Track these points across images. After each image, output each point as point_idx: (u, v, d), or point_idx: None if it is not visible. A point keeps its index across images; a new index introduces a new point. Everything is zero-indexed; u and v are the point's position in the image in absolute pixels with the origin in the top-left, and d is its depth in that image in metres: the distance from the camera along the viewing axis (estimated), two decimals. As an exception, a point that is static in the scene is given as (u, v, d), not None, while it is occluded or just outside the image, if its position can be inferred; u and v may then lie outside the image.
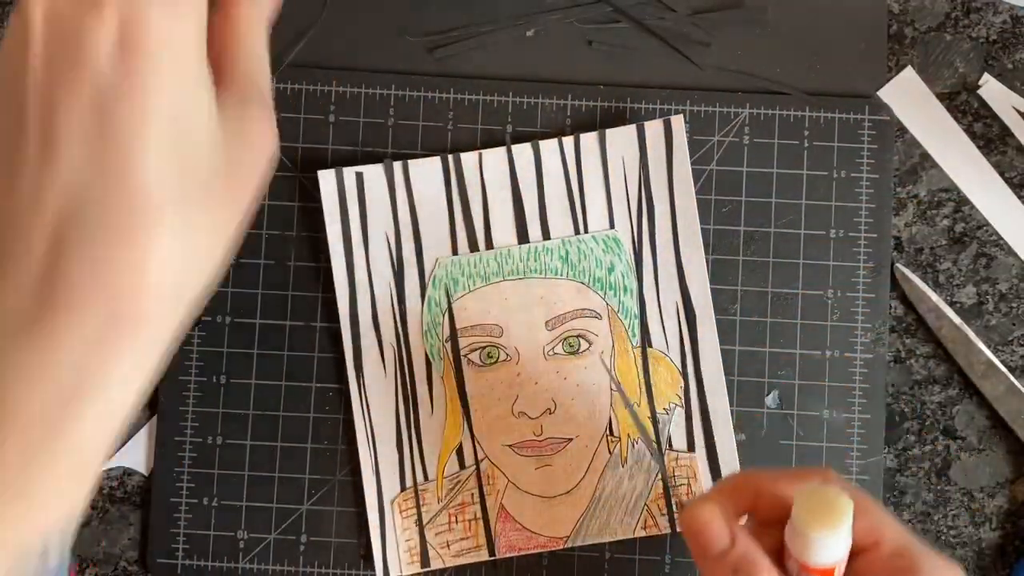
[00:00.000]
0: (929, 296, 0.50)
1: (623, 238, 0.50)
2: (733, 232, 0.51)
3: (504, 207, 0.50)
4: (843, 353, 0.50)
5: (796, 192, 0.51)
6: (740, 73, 0.52)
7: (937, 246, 0.51)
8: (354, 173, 0.50)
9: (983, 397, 0.50)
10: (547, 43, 0.52)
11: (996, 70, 0.52)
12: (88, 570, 0.50)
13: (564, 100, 0.51)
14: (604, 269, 0.50)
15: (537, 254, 0.50)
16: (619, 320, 0.50)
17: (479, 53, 0.52)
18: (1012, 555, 0.50)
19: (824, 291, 0.50)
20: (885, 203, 0.51)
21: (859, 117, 0.51)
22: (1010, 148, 0.51)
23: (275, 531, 0.50)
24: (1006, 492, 0.50)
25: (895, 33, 0.52)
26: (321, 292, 0.51)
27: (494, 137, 0.51)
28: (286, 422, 0.50)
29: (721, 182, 0.51)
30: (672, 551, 0.49)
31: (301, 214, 0.51)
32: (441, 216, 0.50)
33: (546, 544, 0.49)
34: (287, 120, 0.51)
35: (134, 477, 0.51)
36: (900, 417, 0.50)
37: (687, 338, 0.50)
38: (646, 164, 0.50)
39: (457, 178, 0.50)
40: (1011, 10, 0.52)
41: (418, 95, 0.51)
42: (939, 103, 0.52)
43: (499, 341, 0.49)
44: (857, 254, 0.50)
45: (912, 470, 0.50)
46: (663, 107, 0.51)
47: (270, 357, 0.50)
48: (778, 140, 0.51)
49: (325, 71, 0.51)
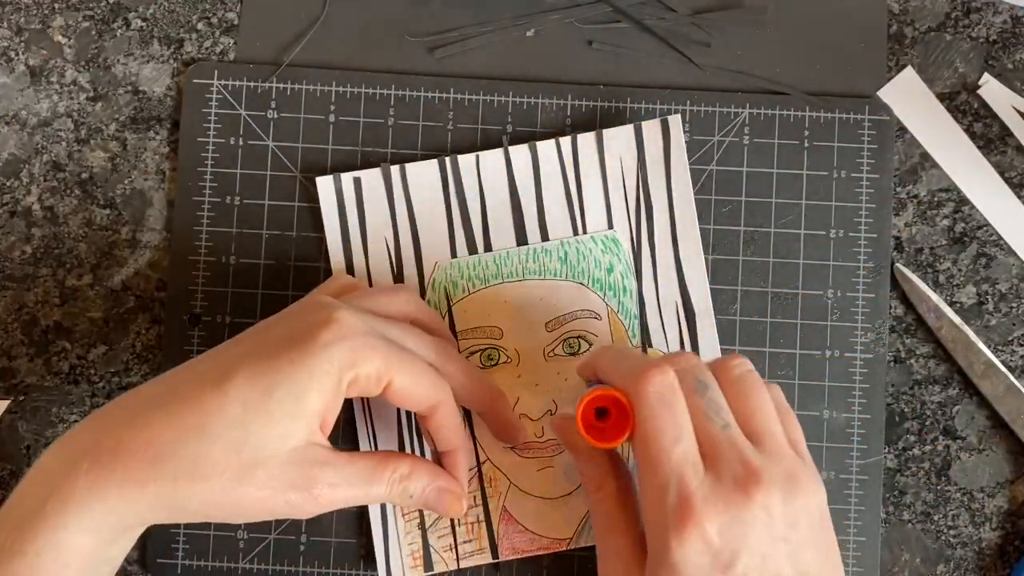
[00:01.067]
0: (929, 296, 0.50)
1: (622, 238, 0.50)
2: (733, 232, 0.51)
3: (502, 209, 0.50)
4: (843, 353, 0.50)
5: (796, 192, 0.51)
6: (740, 73, 0.52)
7: (937, 246, 0.51)
8: (351, 178, 0.50)
9: (983, 397, 0.50)
10: (547, 43, 0.52)
11: (996, 70, 0.52)
12: (88, 570, 0.50)
13: (564, 100, 0.51)
14: (603, 270, 0.50)
15: (536, 255, 0.50)
16: (619, 320, 0.50)
17: (479, 53, 0.52)
18: (1012, 555, 0.50)
19: (824, 291, 0.50)
20: (885, 203, 0.51)
21: (859, 117, 0.51)
22: (1010, 148, 0.51)
23: (275, 531, 0.50)
24: (1006, 492, 0.50)
25: (895, 33, 0.52)
26: (321, 292, 0.50)
27: (494, 137, 0.51)
28: (286, 422, 0.50)
29: (721, 182, 0.51)
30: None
31: (301, 214, 0.51)
32: (439, 219, 0.50)
33: (549, 546, 0.49)
34: (287, 120, 0.51)
35: (134, 477, 0.51)
36: (900, 417, 0.50)
37: (687, 338, 0.50)
38: (644, 164, 0.50)
39: (455, 181, 0.50)
40: (1011, 10, 0.52)
41: (418, 95, 0.51)
42: (939, 103, 0.52)
43: (499, 343, 0.49)
44: (857, 254, 0.50)
45: (912, 470, 0.50)
46: (663, 107, 0.51)
47: (270, 357, 0.50)
48: (778, 140, 0.51)
49: (325, 71, 0.51)
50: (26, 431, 0.51)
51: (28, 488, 0.38)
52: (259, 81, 0.51)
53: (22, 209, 0.52)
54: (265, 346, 0.40)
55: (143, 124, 0.52)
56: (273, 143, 0.51)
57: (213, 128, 0.51)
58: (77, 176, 0.52)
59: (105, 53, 0.52)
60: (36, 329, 0.51)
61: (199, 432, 0.38)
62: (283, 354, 0.39)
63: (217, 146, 0.51)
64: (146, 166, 0.52)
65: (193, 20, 0.52)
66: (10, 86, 0.52)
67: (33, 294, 0.51)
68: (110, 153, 0.52)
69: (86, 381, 0.51)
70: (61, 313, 0.51)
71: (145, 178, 0.52)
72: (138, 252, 0.51)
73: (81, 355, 0.51)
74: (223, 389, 0.38)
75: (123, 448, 0.38)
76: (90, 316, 0.51)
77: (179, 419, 0.38)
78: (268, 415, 0.38)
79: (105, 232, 0.51)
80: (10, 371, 0.51)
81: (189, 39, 0.52)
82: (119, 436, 0.38)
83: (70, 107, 0.52)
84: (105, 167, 0.52)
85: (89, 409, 0.51)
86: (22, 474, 0.39)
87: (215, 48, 0.52)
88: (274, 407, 0.38)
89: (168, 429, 0.38)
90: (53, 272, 0.51)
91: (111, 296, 0.51)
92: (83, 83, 0.52)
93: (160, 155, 0.52)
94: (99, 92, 0.52)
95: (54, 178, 0.52)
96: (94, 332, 0.51)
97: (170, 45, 0.52)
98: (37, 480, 0.38)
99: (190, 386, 0.39)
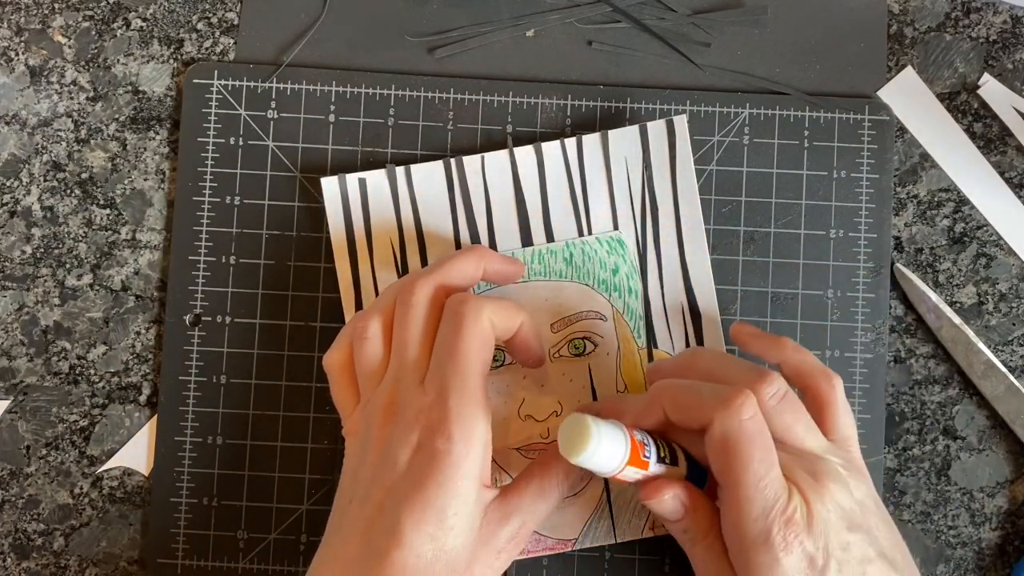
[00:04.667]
0: (929, 296, 0.50)
1: (627, 239, 0.50)
2: (733, 232, 0.51)
3: (507, 210, 0.50)
4: (843, 353, 0.50)
5: (796, 192, 0.51)
6: (740, 73, 0.52)
7: (937, 246, 0.51)
8: (356, 179, 0.50)
9: (983, 397, 0.50)
10: (547, 43, 0.52)
11: (996, 70, 0.52)
12: (88, 570, 0.50)
13: (564, 100, 0.51)
14: (608, 271, 0.50)
15: (541, 256, 0.50)
16: (624, 321, 0.49)
17: (479, 53, 0.52)
18: (1012, 555, 0.50)
19: (824, 291, 0.50)
20: (885, 203, 0.51)
21: (859, 117, 0.51)
22: (1010, 148, 0.52)
23: (275, 531, 0.50)
24: (1006, 492, 0.50)
25: (895, 33, 0.52)
26: (321, 292, 0.50)
27: (494, 137, 0.51)
28: (286, 422, 0.50)
29: (721, 182, 0.51)
30: (672, 551, 0.49)
31: (301, 214, 0.51)
32: (444, 220, 0.50)
33: (554, 547, 0.49)
34: (287, 120, 0.51)
35: (134, 477, 0.51)
36: (900, 417, 0.50)
37: (692, 339, 0.50)
38: (649, 164, 0.50)
39: (460, 182, 0.50)
40: (1011, 10, 0.52)
41: (418, 95, 0.51)
42: (939, 103, 0.52)
43: (504, 344, 0.49)
44: (857, 254, 0.51)
45: (912, 470, 0.50)
46: (663, 107, 0.51)
47: (270, 357, 0.50)
48: (778, 140, 0.51)
49: (325, 71, 0.51)
50: (26, 431, 0.51)
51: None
52: (259, 81, 0.51)
53: (22, 209, 0.51)
54: (402, 484, 0.40)
55: (143, 124, 0.52)
56: (273, 143, 0.51)
57: (213, 128, 0.51)
58: (77, 176, 0.52)
59: (105, 53, 0.52)
60: (36, 329, 0.51)
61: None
62: (427, 480, 0.40)
63: (217, 146, 0.51)
64: (146, 166, 0.52)
65: (193, 20, 0.52)
66: (10, 86, 0.52)
67: (33, 294, 0.51)
68: (110, 153, 0.52)
69: (86, 381, 0.51)
70: (61, 313, 0.51)
71: (145, 178, 0.52)
72: (138, 252, 0.51)
73: (81, 355, 0.51)
74: (399, 552, 0.39)
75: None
76: (90, 316, 0.51)
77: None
78: (451, 530, 0.40)
79: (105, 232, 0.51)
80: (10, 371, 0.51)
81: (189, 39, 0.52)
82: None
83: (70, 107, 0.52)
84: (105, 167, 0.52)
85: (89, 409, 0.51)
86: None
87: (215, 48, 0.52)
88: (451, 522, 0.40)
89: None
90: (53, 272, 0.51)
91: (111, 296, 0.51)
92: (83, 83, 0.52)
93: (160, 155, 0.52)
94: (99, 92, 0.52)
95: (54, 178, 0.52)
96: (94, 332, 0.51)
97: (170, 45, 0.52)
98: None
99: (367, 564, 0.39)
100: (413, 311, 0.43)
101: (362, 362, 0.44)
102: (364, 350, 0.43)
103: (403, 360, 0.42)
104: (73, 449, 0.51)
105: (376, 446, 0.41)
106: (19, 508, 0.51)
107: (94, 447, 0.51)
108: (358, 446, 0.43)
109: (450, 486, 0.39)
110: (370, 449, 0.42)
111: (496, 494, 0.42)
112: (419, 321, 0.43)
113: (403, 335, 0.43)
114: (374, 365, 0.43)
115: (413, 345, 0.43)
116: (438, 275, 0.44)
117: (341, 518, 0.41)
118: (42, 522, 0.51)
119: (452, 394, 0.40)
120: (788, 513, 0.38)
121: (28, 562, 0.50)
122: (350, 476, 0.42)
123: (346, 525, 0.41)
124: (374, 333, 0.43)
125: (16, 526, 0.51)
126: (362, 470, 0.42)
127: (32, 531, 0.51)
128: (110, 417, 0.51)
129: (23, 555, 0.50)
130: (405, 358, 0.42)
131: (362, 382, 0.44)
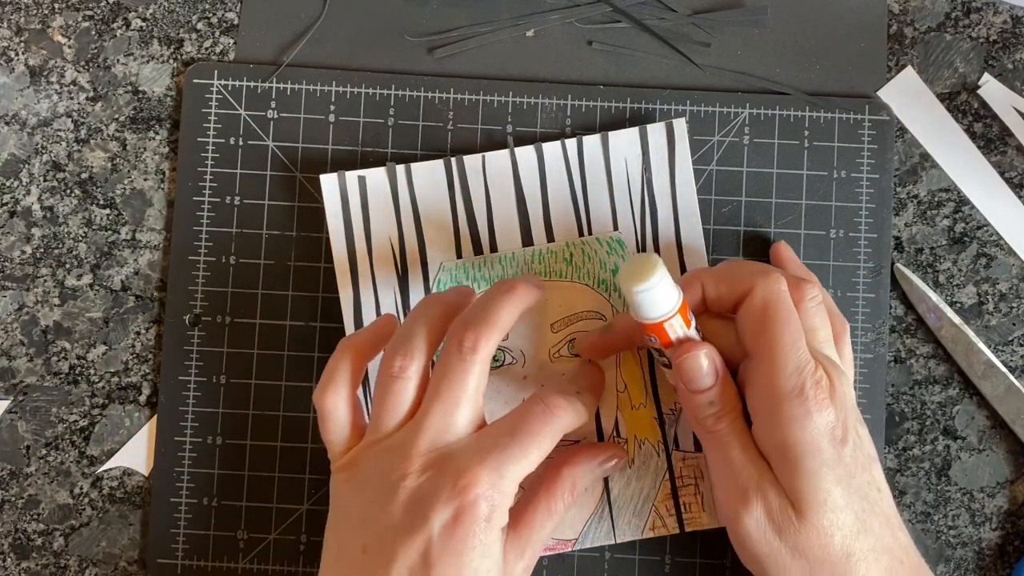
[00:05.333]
0: (929, 296, 0.50)
1: (627, 240, 0.50)
2: (733, 232, 0.51)
3: (508, 210, 0.50)
4: (843, 353, 0.50)
5: (796, 192, 0.51)
6: (740, 73, 0.52)
7: (937, 246, 0.51)
8: (356, 177, 0.50)
9: (983, 397, 0.50)
10: (547, 43, 0.52)
11: (996, 70, 0.52)
12: (88, 570, 0.50)
13: (564, 100, 0.51)
14: (608, 271, 0.50)
15: (541, 257, 0.50)
16: (623, 322, 0.49)
17: (479, 53, 0.52)
18: (1012, 555, 0.50)
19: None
20: (885, 203, 0.51)
21: (859, 117, 0.51)
22: (1010, 148, 0.52)
23: (275, 531, 0.50)
24: (1006, 492, 0.50)
25: (895, 33, 0.52)
26: (321, 292, 0.50)
27: (494, 137, 0.51)
28: (286, 422, 0.50)
29: (721, 182, 0.51)
30: (672, 551, 0.49)
31: (301, 214, 0.51)
32: (444, 219, 0.50)
33: (555, 547, 0.49)
34: (287, 120, 0.51)
35: (134, 477, 0.51)
36: (900, 417, 0.50)
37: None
38: (648, 166, 0.50)
39: (460, 181, 0.50)
40: (1011, 10, 0.52)
41: (418, 95, 0.51)
42: (939, 103, 0.52)
43: (505, 344, 0.49)
44: (857, 254, 0.51)
45: (912, 470, 0.50)
46: (663, 107, 0.51)
47: (270, 357, 0.50)
48: (778, 140, 0.51)
49: (325, 71, 0.51)
50: (26, 431, 0.51)
51: None
52: (259, 81, 0.51)
53: (22, 209, 0.51)
54: (438, 547, 0.38)
55: (143, 124, 0.52)
56: (273, 143, 0.51)
57: (213, 128, 0.51)
58: (77, 176, 0.52)
59: (105, 53, 0.52)
60: (36, 329, 0.51)
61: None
62: (463, 545, 0.38)
63: (217, 146, 0.51)
64: (146, 166, 0.52)
65: (193, 20, 0.52)
66: (10, 86, 0.52)
67: (33, 294, 0.51)
68: (110, 153, 0.52)
69: (86, 381, 0.51)
70: (61, 313, 0.51)
71: (145, 178, 0.52)
72: (138, 252, 0.51)
73: (81, 355, 0.51)
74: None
75: None
76: (90, 316, 0.51)
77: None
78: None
79: (105, 232, 0.51)
80: (10, 371, 0.51)
81: (189, 39, 0.52)
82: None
83: (70, 107, 0.52)
84: (105, 167, 0.52)
85: (89, 409, 0.51)
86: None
87: (215, 48, 0.52)
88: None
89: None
90: (53, 272, 0.51)
91: (111, 296, 0.51)
92: (83, 83, 0.52)
93: (160, 155, 0.52)
94: (99, 92, 0.52)
95: (54, 178, 0.52)
96: (94, 332, 0.51)
97: (170, 45, 0.52)
98: None
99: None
100: (478, 368, 0.41)
101: (388, 400, 0.41)
102: (397, 388, 0.41)
103: (454, 416, 0.40)
104: (73, 449, 0.51)
105: (403, 496, 0.39)
106: (19, 508, 0.51)
107: (94, 447, 0.51)
108: (371, 490, 0.40)
109: (485, 549, 0.39)
110: (391, 498, 0.39)
111: (507, 531, 0.41)
112: (481, 379, 0.41)
113: (457, 392, 0.40)
114: (405, 406, 0.41)
115: (469, 404, 0.41)
116: (497, 327, 0.41)
117: (353, 566, 0.40)
118: (42, 522, 0.51)
119: (507, 475, 0.39)
120: (817, 376, 0.40)
121: (28, 562, 0.50)
122: (357, 520, 0.40)
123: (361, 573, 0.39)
124: (414, 373, 0.41)
125: (16, 526, 0.51)
126: (381, 517, 0.39)
127: (32, 531, 0.51)
128: (110, 417, 0.51)
129: (23, 555, 0.50)
130: (458, 415, 0.40)
131: (382, 419, 0.41)
